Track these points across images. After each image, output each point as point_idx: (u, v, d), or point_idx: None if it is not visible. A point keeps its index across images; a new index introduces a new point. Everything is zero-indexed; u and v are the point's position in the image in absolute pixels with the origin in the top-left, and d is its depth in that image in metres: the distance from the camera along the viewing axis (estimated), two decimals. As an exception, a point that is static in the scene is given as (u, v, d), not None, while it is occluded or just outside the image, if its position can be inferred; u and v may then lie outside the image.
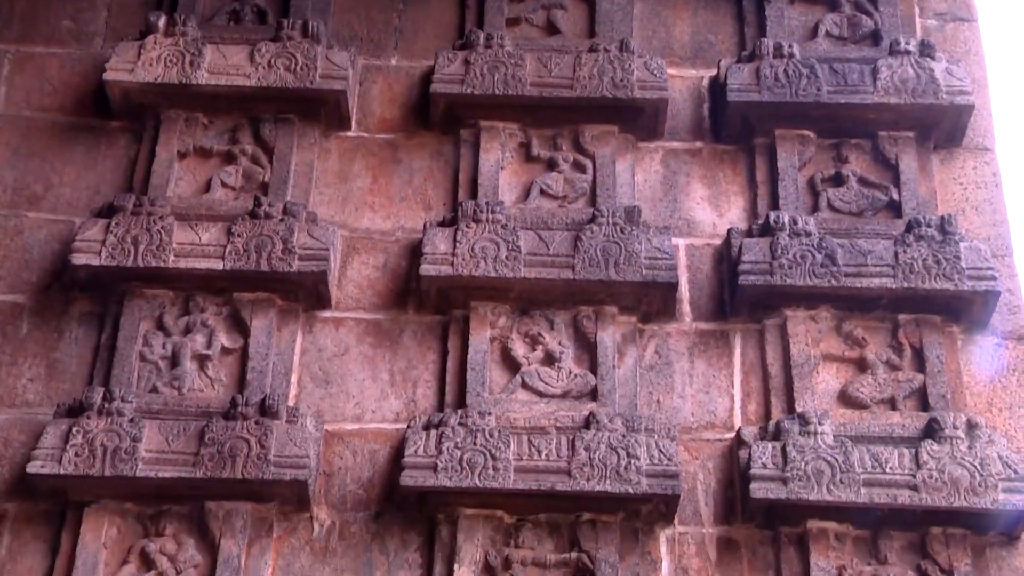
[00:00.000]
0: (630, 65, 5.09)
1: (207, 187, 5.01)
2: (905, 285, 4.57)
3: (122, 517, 4.35)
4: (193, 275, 4.69)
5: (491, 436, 4.33)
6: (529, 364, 4.64)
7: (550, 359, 4.65)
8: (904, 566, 4.25)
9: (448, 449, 4.30)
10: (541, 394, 4.58)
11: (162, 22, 5.19)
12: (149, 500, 4.35)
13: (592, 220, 4.78)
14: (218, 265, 4.67)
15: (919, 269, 4.59)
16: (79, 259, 4.67)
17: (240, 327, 4.70)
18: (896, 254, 4.63)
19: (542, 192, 5.01)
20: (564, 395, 4.58)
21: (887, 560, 4.25)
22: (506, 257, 4.68)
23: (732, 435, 4.51)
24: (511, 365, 4.65)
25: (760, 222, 4.82)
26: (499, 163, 5.05)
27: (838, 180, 4.99)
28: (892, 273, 4.59)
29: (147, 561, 4.28)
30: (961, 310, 4.62)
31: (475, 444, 4.32)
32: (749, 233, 4.80)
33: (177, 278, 4.70)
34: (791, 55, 5.10)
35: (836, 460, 4.25)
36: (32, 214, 4.97)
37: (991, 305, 4.61)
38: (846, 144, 5.04)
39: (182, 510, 4.35)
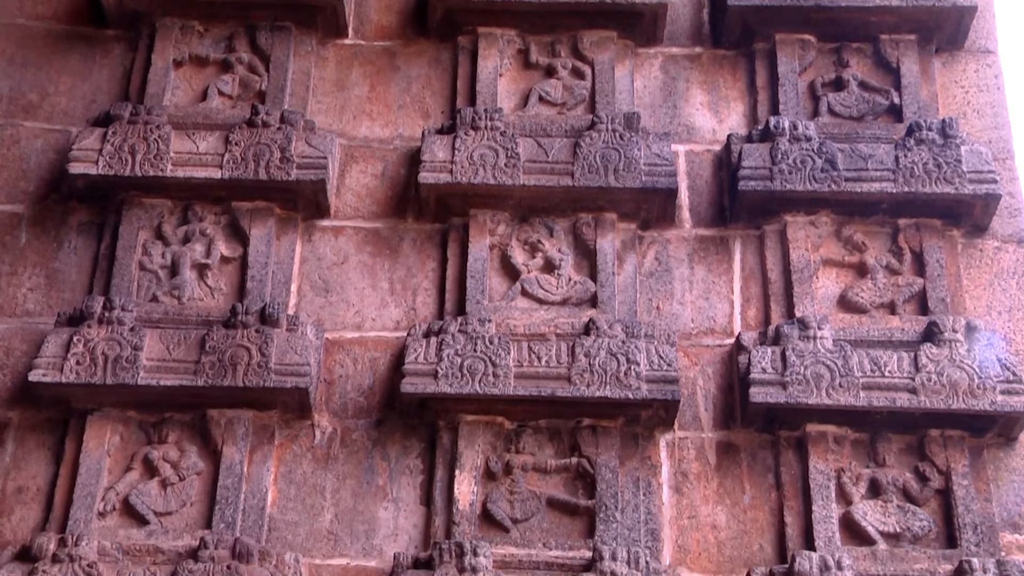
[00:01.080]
0: (629, -31, 5.04)
1: (204, 96, 4.98)
2: (905, 189, 4.56)
3: (125, 425, 4.38)
4: (191, 184, 4.68)
5: (491, 343, 4.34)
6: (529, 271, 4.64)
7: (550, 266, 4.65)
8: (902, 468, 4.27)
9: (448, 356, 4.31)
10: (541, 301, 4.58)
11: (156, -72, 5.13)
12: (151, 408, 4.38)
13: (591, 127, 4.76)
14: (216, 174, 4.66)
15: (920, 173, 4.57)
16: (76, 168, 4.66)
17: (239, 236, 4.70)
18: (897, 158, 4.61)
19: (541, 99, 4.98)
20: (564, 302, 4.58)
21: (885, 462, 4.28)
22: (505, 164, 4.66)
23: (732, 340, 4.52)
24: (510, 272, 4.65)
25: (760, 127, 4.79)
26: (497, 70, 5.01)
27: (839, 84, 4.95)
28: (892, 177, 4.58)
29: (150, 468, 4.32)
30: (962, 214, 4.61)
31: (475, 351, 4.33)
32: (749, 139, 4.78)
33: (175, 187, 4.69)
34: (790, -42, 5.04)
35: (835, 364, 4.26)
36: (28, 123, 4.95)
37: (992, 208, 4.60)
38: (847, 48, 5.00)
39: (184, 418, 4.38)
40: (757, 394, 4.25)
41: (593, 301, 4.57)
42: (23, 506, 4.28)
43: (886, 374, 4.25)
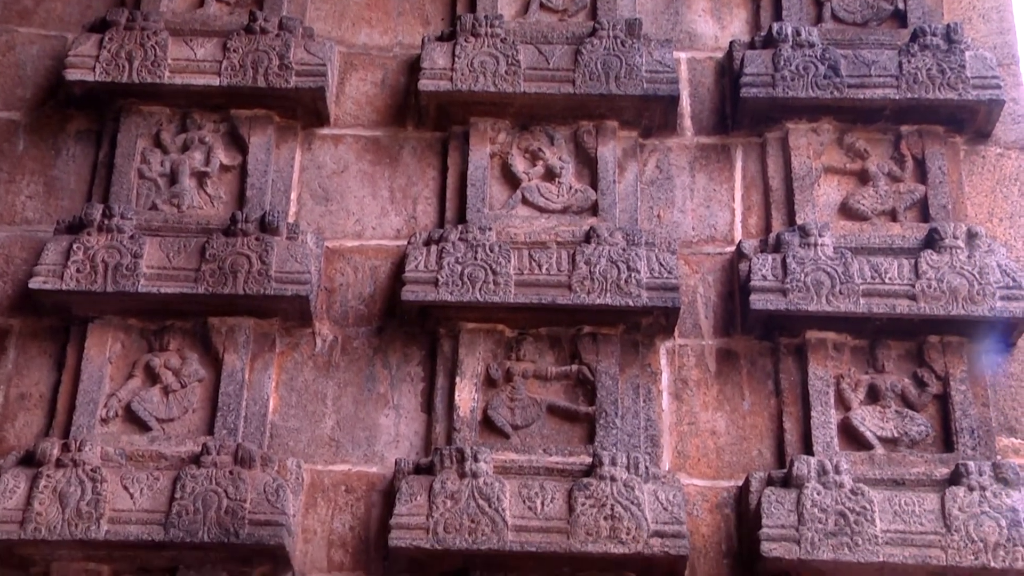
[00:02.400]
0: None
1: (201, 2, 4.93)
2: (909, 95, 4.52)
3: (126, 332, 4.39)
4: (189, 91, 4.65)
5: (491, 251, 4.34)
6: (529, 179, 4.63)
7: (550, 174, 4.63)
8: (901, 374, 4.29)
9: (449, 264, 4.31)
10: (541, 209, 4.57)
11: None
12: (152, 316, 4.39)
13: (592, 33, 4.72)
14: (214, 81, 4.63)
15: (923, 79, 4.54)
16: (73, 75, 4.63)
17: (238, 144, 4.68)
18: (900, 64, 4.57)
19: (541, 5, 4.94)
20: (564, 210, 4.57)
21: (884, 368, 4.29)
22: (505, 72, 4.63)
23: (732, 248, 4.51)
24: (511, 181, 4.63)
25: (762, 34, 4.75)
26: (497, -25, 4.97)
27: (842, -11, 4.92)
28: (896, 83, 4.54)
29: (152, 375, 4.33)
30: (965, 120, 4.58)
31: (475, 259, 4.32)
32: (752, 45, 4.74)
33: (173, 94, 4.66)
34: None
35: (835, 271, 4.26)
36: (23, 29, 4.92)
37: (995, 114, 4.57)
38: (851, -48, 4.96)
39: (185, 325, 4.38)
40: (757, 301, 4.25)
41: (594, 209, 4.56)
42: (26, 412, 4.31)
43: (886, 281, 4.25)
